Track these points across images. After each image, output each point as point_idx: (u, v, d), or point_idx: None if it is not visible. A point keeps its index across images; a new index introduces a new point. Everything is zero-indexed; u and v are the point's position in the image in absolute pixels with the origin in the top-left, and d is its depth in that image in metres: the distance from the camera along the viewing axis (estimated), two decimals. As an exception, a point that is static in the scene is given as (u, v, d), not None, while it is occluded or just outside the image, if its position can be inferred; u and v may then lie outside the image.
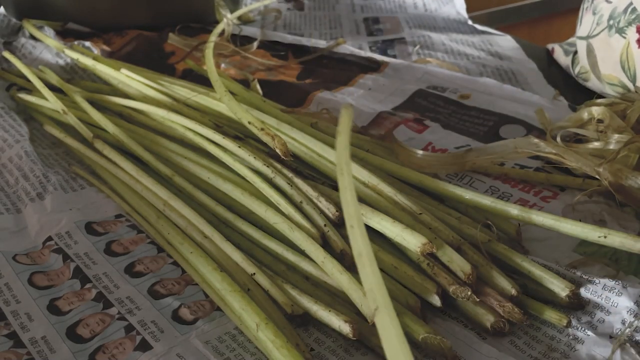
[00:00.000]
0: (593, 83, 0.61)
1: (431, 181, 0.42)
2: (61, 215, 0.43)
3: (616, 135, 0.44)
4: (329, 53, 0.70)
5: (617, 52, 0.56)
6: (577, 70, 0.64)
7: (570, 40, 0.70)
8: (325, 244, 0.37)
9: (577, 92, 0.63)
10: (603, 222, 0.41)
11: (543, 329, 0.34)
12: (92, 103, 0.52)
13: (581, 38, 0.61)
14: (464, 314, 0.34)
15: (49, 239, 0.41)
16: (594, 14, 0.59)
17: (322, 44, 0.72)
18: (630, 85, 0.56)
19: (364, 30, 0.81)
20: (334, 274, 0.34)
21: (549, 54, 0.73)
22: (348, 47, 0.70)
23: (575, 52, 0.65)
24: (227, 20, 0.71)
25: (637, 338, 0.31)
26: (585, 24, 0.60)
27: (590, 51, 0.59)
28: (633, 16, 0.54)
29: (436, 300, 0.34)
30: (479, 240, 0.36)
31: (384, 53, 0.74)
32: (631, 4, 0.54)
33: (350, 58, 0.69)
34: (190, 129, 0.46)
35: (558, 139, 0.45)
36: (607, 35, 0.56)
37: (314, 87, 0.62)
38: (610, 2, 0.57)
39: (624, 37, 0.55)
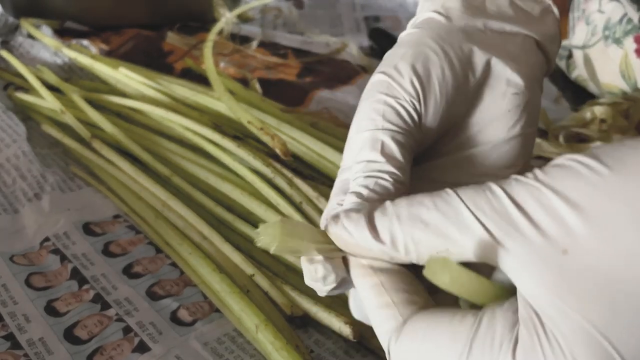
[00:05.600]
0: (592, 89, 0.61)
1: (432, 181, 0.41)
2: (59, 216, 0.42)
3: (619, 135, 0.44)
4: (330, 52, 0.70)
5: (616, 63, 0.55)
6: (574, 75, 0.64)
7: (562, 44, 0.70)
8: (325, 244, 0.36)
9: (578, 91, 0.63)
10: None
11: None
12: (90, 102, 0.52)
13: (577, 47, 0.60)
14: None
15: (47, 239, 0.41)
16: (588, 24, 0.58)
17: (324, 40, 0.71)
18: None
19: (365, 28, 0.81)
20: (335, 275, 0.34)
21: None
22: (350, 53, 0.70)
23: (569, 57, 0.65)
24: (226, 19, 0.71)
25: None
26: (579, 33, 0.60)
27: (587, 61, 0.59)
28: (629, 26, 0.53)
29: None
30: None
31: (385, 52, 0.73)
32: (626, 14, 0.54)
33: (351, 58, 0.69)
34: (189, 129, 0.46)
35: (561, 138, 0.45)
36: (604, 45, 0.56)
37: (314, 86, 0.62)
38: (604, 12, 0.56)
39: (621, 48, 0.54)
